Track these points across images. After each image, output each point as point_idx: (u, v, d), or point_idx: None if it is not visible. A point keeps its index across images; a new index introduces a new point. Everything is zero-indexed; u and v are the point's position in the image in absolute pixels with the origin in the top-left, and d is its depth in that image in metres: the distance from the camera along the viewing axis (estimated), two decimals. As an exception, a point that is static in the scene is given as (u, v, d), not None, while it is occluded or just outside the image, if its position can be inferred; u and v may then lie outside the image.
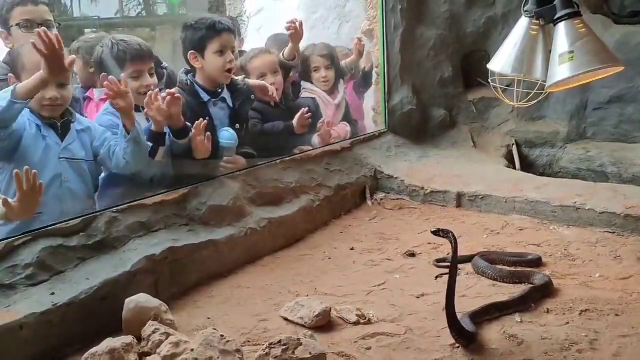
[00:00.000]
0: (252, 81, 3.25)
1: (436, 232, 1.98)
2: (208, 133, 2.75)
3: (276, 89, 3.34)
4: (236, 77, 3.15)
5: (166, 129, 2.68)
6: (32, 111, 2.37)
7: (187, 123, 2.72)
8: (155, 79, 2.77)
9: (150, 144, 2.60)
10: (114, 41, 2.69)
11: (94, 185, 2.60)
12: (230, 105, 3.07)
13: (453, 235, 1.93)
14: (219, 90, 3.03)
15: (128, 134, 2.46)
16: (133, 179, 2.62)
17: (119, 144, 2.51)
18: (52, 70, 2.17)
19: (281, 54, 3.52)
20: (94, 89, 2.88)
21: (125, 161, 2.50)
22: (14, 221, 2.19)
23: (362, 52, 4.10)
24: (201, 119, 2.75)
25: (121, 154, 2.50)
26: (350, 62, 4.11)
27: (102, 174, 2.65)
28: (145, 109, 2.59)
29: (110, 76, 2.45)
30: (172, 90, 2.67)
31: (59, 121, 2.44)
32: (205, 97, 2.99)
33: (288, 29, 3.43)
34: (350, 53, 4.16)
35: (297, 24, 3.42)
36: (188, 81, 2.96)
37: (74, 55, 2.55)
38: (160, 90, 2.69)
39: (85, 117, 2.73)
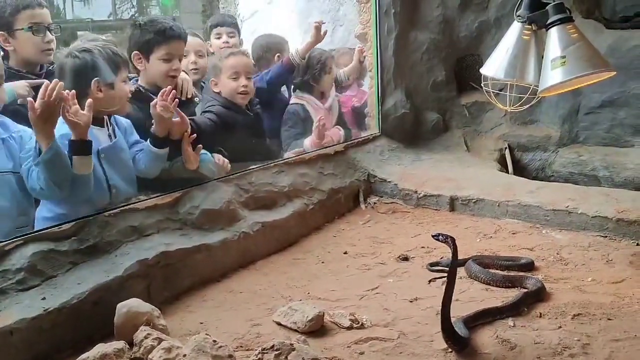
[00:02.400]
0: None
1: (436, 237, 1.98)
2: (200, 145, 2.74)
3: (247, 94, 3.21)
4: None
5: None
6: None
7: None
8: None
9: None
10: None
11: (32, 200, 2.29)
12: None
13: (453, 241, 1.93)
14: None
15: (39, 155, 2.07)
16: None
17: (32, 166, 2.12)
18: None
19: (295, 50, 3.54)
20: None
21: (39, 187, 2.15)
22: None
23: (363, 62, 4.10)
24: (186, 132, 2.69)
25: (35, 178, 2.12)
26: (349, 70, 4.11)
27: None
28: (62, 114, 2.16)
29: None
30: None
31: None
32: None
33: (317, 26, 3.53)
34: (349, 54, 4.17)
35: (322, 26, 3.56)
36: (137, 87, 2.79)
37: None
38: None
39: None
